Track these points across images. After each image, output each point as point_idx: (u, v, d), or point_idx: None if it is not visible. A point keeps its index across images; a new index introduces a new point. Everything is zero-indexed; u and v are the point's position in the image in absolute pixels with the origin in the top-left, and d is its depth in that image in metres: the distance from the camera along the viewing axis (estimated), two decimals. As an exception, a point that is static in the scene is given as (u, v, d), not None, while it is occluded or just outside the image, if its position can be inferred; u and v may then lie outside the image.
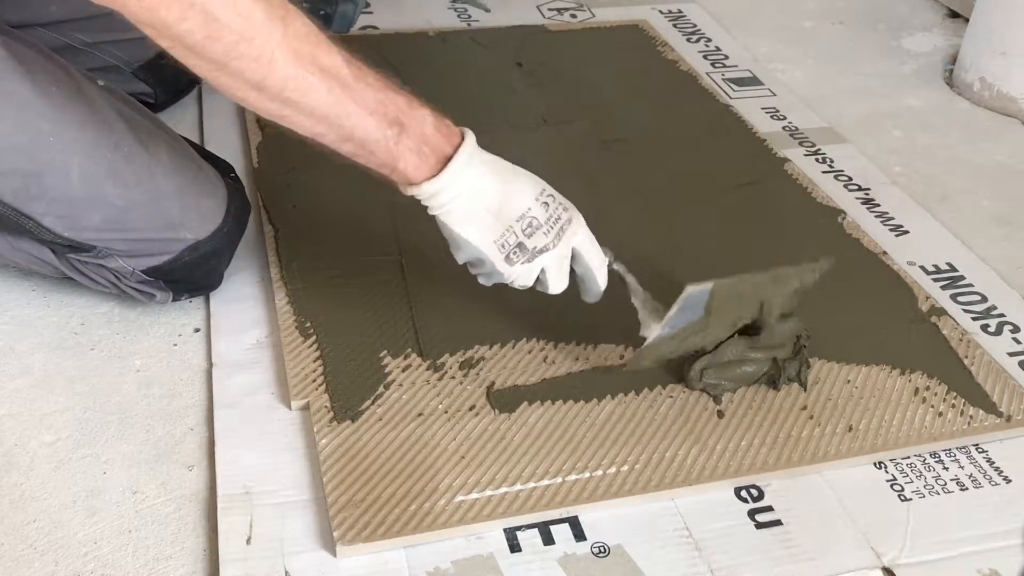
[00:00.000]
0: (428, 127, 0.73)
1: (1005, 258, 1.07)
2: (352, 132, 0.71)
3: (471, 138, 0.76)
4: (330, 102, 0.69)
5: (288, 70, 0.67)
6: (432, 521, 0.72)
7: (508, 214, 0.76)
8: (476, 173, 0.75)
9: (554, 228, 0.77)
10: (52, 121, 0.80)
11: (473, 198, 0.75)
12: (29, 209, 0.81)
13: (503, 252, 0.77)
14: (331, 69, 0.69)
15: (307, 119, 0.70)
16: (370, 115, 0.71)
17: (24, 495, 0.75)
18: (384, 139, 0.72)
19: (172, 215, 0.85)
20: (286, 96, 0.68)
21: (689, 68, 1.39)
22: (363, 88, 0.70)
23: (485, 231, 0.76)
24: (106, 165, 0.82)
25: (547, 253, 0.77)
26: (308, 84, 0.68)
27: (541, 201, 0.77)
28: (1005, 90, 1.36)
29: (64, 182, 0.81)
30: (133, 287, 0.89)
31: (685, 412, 0.83)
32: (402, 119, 0.72)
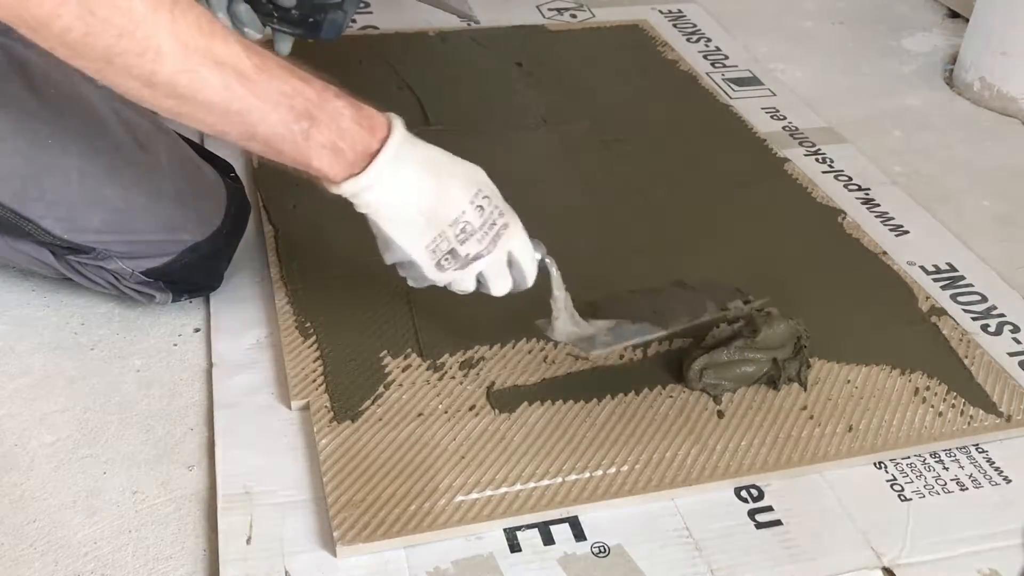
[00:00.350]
0: (345, 120, 0.67)
1: (1005, 258, 1.07)
2: (255, 128, 0.65)
3: (399, 130, 0.70)
4: (227, 97, 0.63)
5: (177, 64, 0.61)
6: (432, 521, 0.72)
7: (441, 218, 0.71)
8: (405, 171, 0.70)
9: (489, 234, 0.73)
10: (50, 124, 0.80)
11: (402, 199, 0.70)
12: (28, 211, 0.81)
13: (434, 258, 0.72)
14: (228, 61, 0.63)
15: (206, 116, 0.65)
16: (273, 109, 0.65)
17: (24, 495, 0.75)
18: (291, 135, 0.66)
19: (171, 217, 0.85)
20: (179, 92, 0.63)
21: (689, 68, 1.39)
22: (265, 80, 0.65)
23: (415, 235, 0.71)
24: (105, 167, 0.82)
25: (481, 260, 0.73)
26: (201, 78, 0.62)
27: (476, 204, 0.72)
28: (1005, 90, 1.36)
29: (63, 184, 0.81)
30: (132, 288, 0.89)
31: (685, 412, 0.83)
32: (313, 112, 0.66)
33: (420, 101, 1.25)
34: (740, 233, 1.06)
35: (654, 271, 0.99)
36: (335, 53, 1.36)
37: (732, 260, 1.02)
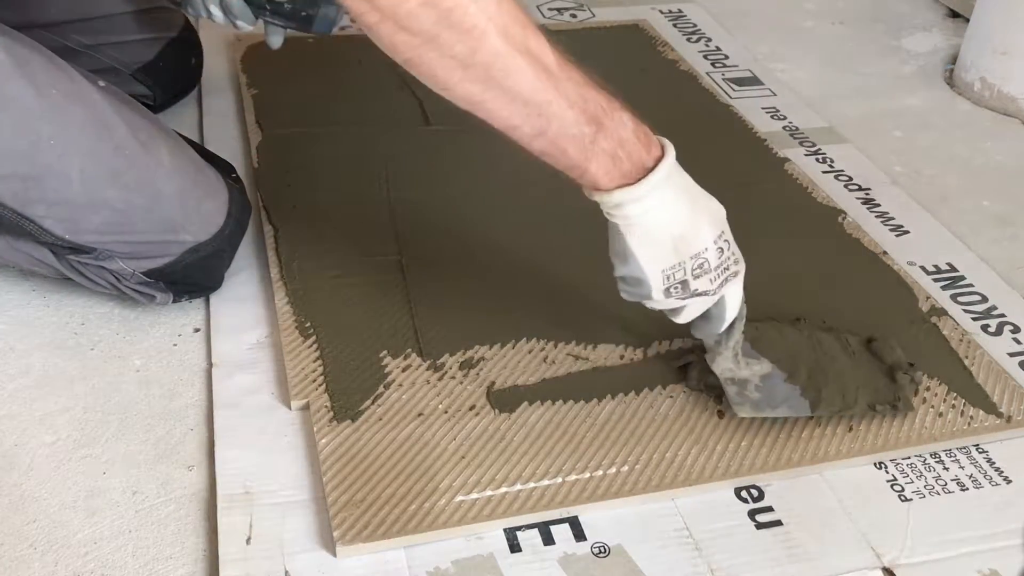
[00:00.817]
0: (627, 131, 0.69)
1: (1005, 258, 1.07)
2: (549, 125, 0.66)
3: (672, 152, 0.71)
4: (535, 87, 0.65)
5: (499, 46, 0.62)
6: (432, 521, 0.72)
7: (686, 248, 0.72)
8: (669, 195, 0.71)
9: (720, 277, 0.74)
10: (52, 124, 0.80)
11: (660, 220, 0.71)
12: (30, 212, 0.81)
13: (666, 284, 0.73)
14: (539, 53, 0.64)
15: (507, 105, 0.65)
16: (570, 108, 0.66)
17: (24, 495, 0.75)
18: (580, 136, 0.67)
19: (173, 217, 0.85)
20: (491, 75, 0.63)
21: (689, 68, 1.39)
22: (567, 79, 0.66)
23: (659, 258, 0.72)
24: (107, 168, 0.82)
25: (702, 297, 0.75)
26: (516, 65, 0.63)
27: (718, 245, 0.73)
28: (1005, 90, 1.36)
29: (65, 185, 0.81)
30: (133, 288, 0.89)
31: (685, 412, 0.83)
32: (601, 118, 0.68)
33: (420, 101, 1.25)
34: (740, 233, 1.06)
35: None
36: (335, 53, 1.37)
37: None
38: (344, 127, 1.20)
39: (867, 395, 0.82)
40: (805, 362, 0.84)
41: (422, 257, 0.98)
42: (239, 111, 1.23)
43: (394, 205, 1.06)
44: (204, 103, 1.25)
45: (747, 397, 0.80)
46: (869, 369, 0.85)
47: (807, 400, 0.81)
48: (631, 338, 0.90)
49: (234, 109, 1.24)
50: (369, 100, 1.26)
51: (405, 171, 1.12)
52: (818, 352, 0.85)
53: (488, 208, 1.08)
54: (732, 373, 0.81)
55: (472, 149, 1.18)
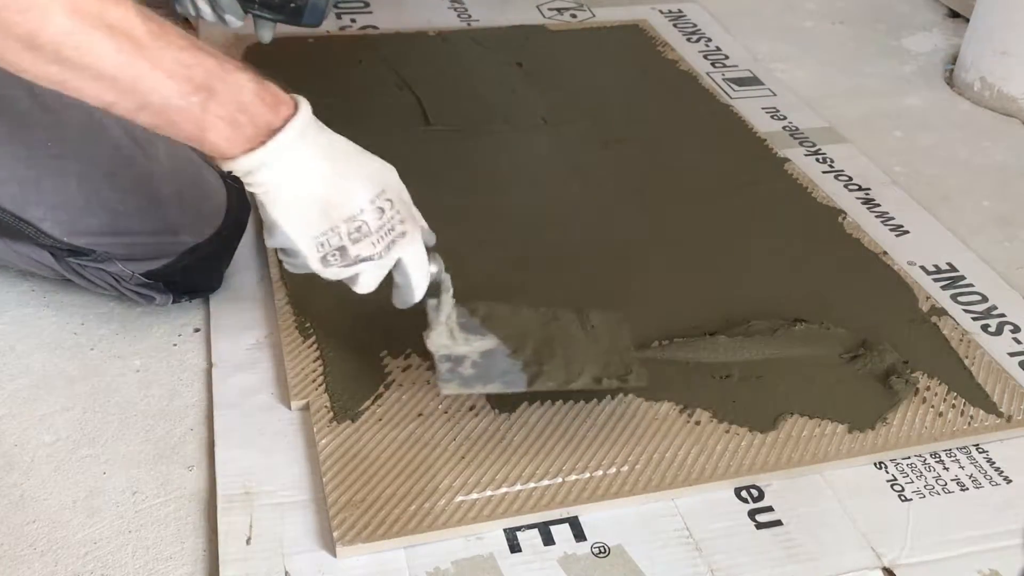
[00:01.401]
0: (246, 94, 0.64)
1: (1005, 258, 1.07)
2: (147, 98, 0.61)
3: (305, 110, 0.66)
4: (119, 63, 0.59)
5: (66, 24, 0.57)
6: (432, 521, 0.72)
7: (337, 212, 0.67)
8: (307, 154, 0.66)
9: (384, 239, 0.69)
10: (49, 128, 0.80)
11: (298, 184, 0.66)
12: (28, 215, 0.81)
13: (320, 252, 0.68)
14: (121, 25, 0.59)
15: (93, 84, 0.60)
16: (169, 78, 0.61)
17: (24, 495, 0.75)
18: (188, 106, 0.62)
19: (171, 219, 0.85)
20: (65, 56, 0.58)
21: (689, 68, 1.39)
22: (161, 48, 0.61)
23: (305, 225, 0.67)
24: (104, 170, 0.82)
25: (368, 262, 0.70)
26: (91, 41, 0.58)
27: (376, 205, 0.69)
28: (1005, 90, 1.36)
29: (62, 188, 0.81)
30: (132, 290, 0.89)
31: (685, 412, 0.83)
32: (212, 83, 0.62)
33: (420, 101, 1.25)
34: (740, 233, 1.06)
35: (654, 271, 0.99)
36: (335, 53, 1.37)
37: (732, 260, 1.02)
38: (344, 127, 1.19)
39: (594, 369, 0.80)
40: (533, 338, 0.81)
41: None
42: (239, 111, 1.23)
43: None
44: (204, 103, 1.25)
45: (458, 374, 0.77)
46: (605, 345, 0.83)
47: (526, 375, 0.78)
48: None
49: (234, 109, 1.24)
50: (369, 100, 1.26)
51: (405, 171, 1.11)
52: (551, 328, 0.83)
53: (488, 208, 1.08)
54: (448, 349, 0.78)
55: (472, 149, 1.18)
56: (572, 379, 0.79)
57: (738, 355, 0.88)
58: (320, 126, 0.68)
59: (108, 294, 0.91)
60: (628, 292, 0.95)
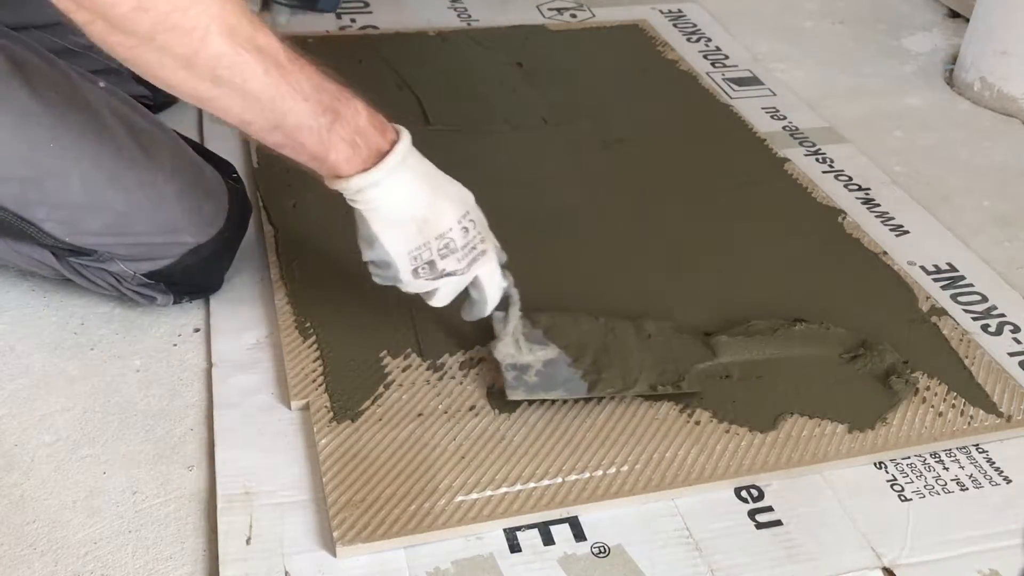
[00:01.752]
0: (362, 119, 0.70)
1: (1005, 258, 1.07)
2: (284, 118, 0.67)
3: (407, 137, 0.73)
4: (265, 83, 0.65)
5: (223, 46, 0.62)
6: (432, 521, 0.72)
7: (430, 229, 0.74)
8: (407, 176, 0.72)
9: (468, 256, 0.76)
10: (51, 127, 0.80)
11: (400, 202, 0.73)
12: (30, 215, 0.81)
13: (413, 265, 0.75)
14: (268, 49, 0.65)
15: (238, 102, 0.66)
16: (305, 100, 0.67)
17: (24, 495, 0.75)
18: (317, 127, 0.68)
19: (173, 219, 0.85)
20: (219, 74, 0.63)
21: (689, 68, 1.39)
22: (298, 72, 0.67)
23: (403, 240, 0.74)
24: (107, 170, 0.82)
25: (452, 277, 0.76)
26: (243, 62, 0.63)
27: (462, 225, 0.75)
28: (1005, 90, 1.36)
29: (64, 188, 0.81)
30: (134, 290, 0.89)
31: (685, 412, 0.83)
32: (337, 107, 0.69)
33: (420, 101, 1.25)
34: (740, 233, 1.06)
35: (653, 271, 0.99)
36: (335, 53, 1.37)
37: (732, 260, 1.02)
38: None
39: (649, 377, 0.83)
40: (593, 347, 0.85)
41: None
42: (239, 111, 1.23)
43: (394, 205, 1.06)
44: (204, 103, 1.25)
45: (523, 381, 0.82)
46: (661, 353, 0.86)
47: (586, 382, 0.82)
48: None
49: (234, 109, 1.24)
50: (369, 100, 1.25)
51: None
52: (608, 338, 0.87)
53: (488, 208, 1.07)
54: (513, 359, 0.83)
55: (472, 149, 1.18)
56: (629, 386, 0.82)
57: (738, 355, 0.88)
58: (417, 152, 0.74)
59: (109, 294, 0.91)
60: (628, 292, 0.95)
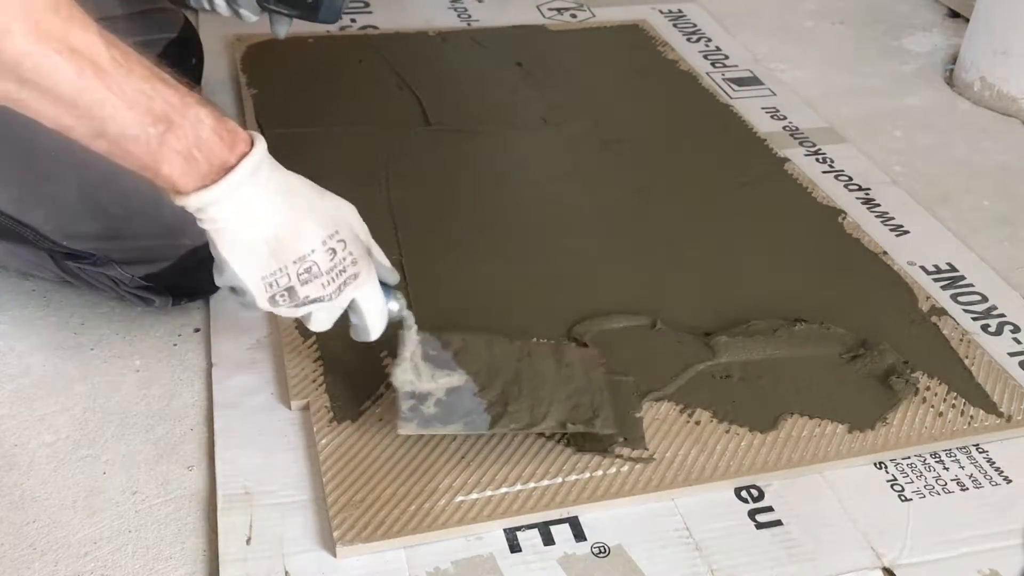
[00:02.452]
0: (205, 129, 0.63)
1: (1005, 258, 1.07)
2: (105, 126, 0.60)
3: (260, 148, 0.65)
4: (79, 87, 0.58)
5: (27, 45, 0.56)
6: (432, 521, 0.72)
7: (286, 252, 0.67)
8: (259, 193, 0.65)
9: (335, 281, 0.69)
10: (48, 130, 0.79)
11: (249, 222, 0.65)
12: (27, 218, 0.81)
13: (269, 292, 0.68)
14: (85, 50, 0.58)
15: (50, 106, 0.59)
16: (129, 108, 0.60)
17: (24, 495, 0.75)
18: (145, 137, 0.61)
19: (171, 222, 0.84)
20: (23, 75, 0.57)
21: (689, 68, 1.39)
22: (123, 76, 0.60)
23: (254, 265, 0.67)
24: (104, 174, 0.81)
25: (319, 304, 0.69)
26: (51, 63, 0.57)
27: (328, 247, 0.68)
28: (1005, 90, 1.36)
29: (62, 192, 0.80)
30: (132, 293, 0.89)
31: (685, 412, 0.83)
32: (171, 116, 0.61)
33: (420, 101, 1.25)
34: (740, 233, 1.06)
35: (653, 270, 0.99)
36: (335, 53, 1.37)
37: (732, 260, 1.02)
38: (344, 127, 1.19)
39: (560, 412, 0.77)
40: (504, 375, 0.79)
41: (422, 257, 0.98)
42: (239, 111, 1.23)
43: (394, 205, 1.06)
44: (204, 103, 1.25)
45: (420, 412, 0.75)
46: (578, 384, 0.81)
47: (490, 416, 0.76)
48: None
49: (234, 109, 1.24)
50: (369, 100, 1.26)
51: (405, 171, 1.12)
52: (523, 364, 0.81)
53: (488, 208, 1.08)
54: (412, 386, 0.76)
55: (472, 149, 1.18)
56: (536, 422, 0.76)
57: (738, 355, 0.88)
58: (275, 165, 0.67)
59: (108, 295, 0.91)
60: (628, 292, 0.95)
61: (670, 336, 0.90)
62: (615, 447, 0.78)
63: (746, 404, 0.84)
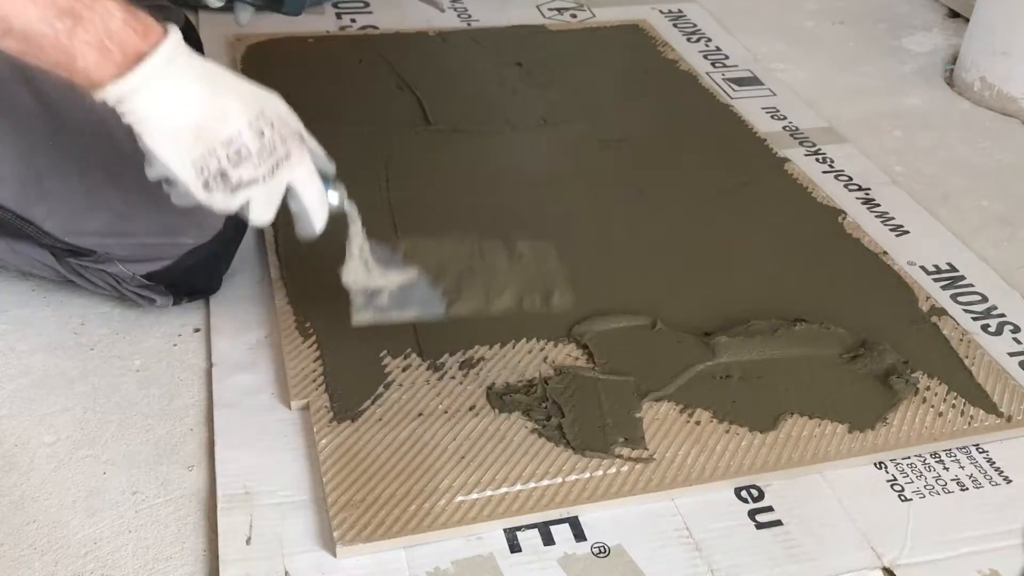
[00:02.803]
0: (115, 22, 0.63)
1: (1005, 258, 1.07)
2: (9, 23, 0.60)
3: (175, 36, 0.65)
4: None
5: None
6: (432, 521, 0.72)
7: (213, 135, 0.66)
8: (179, 79, 0.65)
9: (267, 161, 0.68)
10: (51, 126, 0.79)
11: (171, 109, 0.65)
12: (30, 214, 0.81)
13: (201, 177, 0.67)
14: None
15: None
16: (33, 4, 0.60)
17: (24, 495, 0.75)
18: (53, 32, 0.61)
19: (173, 220, 0.84)
20: None
21: (689, 68, 1.39)
22: None
23: (182, 151, 0.66)
24: (106, 170, 0.82)
25: (254, 186, 0.68)
26: None
27: (256, 128, 0.67)
28: (1005, 90, 1.36)
29: (64, 187, 0.80)
30: (133, 291, 0.89)
31: (685, 412, 0.83)
32: (77, 9, 0.61)
33: (420, 101, 1.25)
34: (740, 233, 1.06)
35: (653, 270, 0.99)
36: (335, 53, 1.37)
37: (732, 260, 1.02)
38: (344, 127, 1.19)
39: (515, 294, 0.78)
40: (456, 267, 0.79)
41: (422, 257, 0.98)
42: (239, 111, 1.23)
43: (394, 205, 1.06)
44: (204, 103, 1.25)
45: (373, 303, 0.76)
46: (532, 271, 0.81)
47: (445, 301, 0.77)
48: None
49: (234, 109, 1.24)
50: (369, 100, 1.26)
51: (405, 171, 1.12)
52: (475, 260, 0.81)
53: (488, 208, 1.08)
54: (363, 283, 0.76)
55: (472, 149, 1.18)
56: (491, 301, 0.76)
57: (738, 355, 0.88)
58: (191, 52, 0.67)
59: (109, 294, 0.91)
60: (628, 292, 0.95)
61: (670, 336, 0.90)
62: (615, 447, 0.78)
63: (746, 404, 0.84)
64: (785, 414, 0.83)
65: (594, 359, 0.87)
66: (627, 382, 0.84)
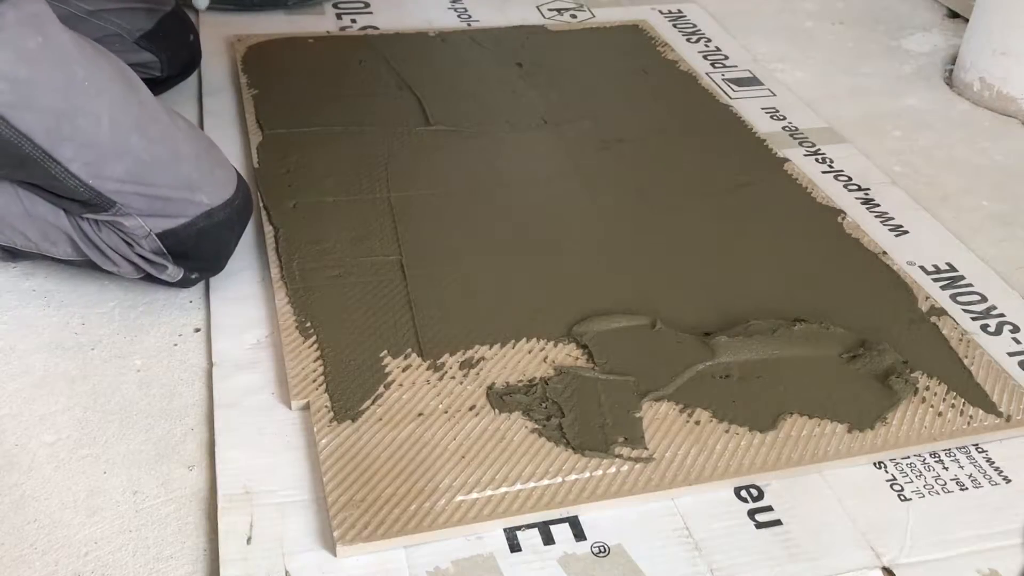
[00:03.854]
0: None
1: (1005, 258, 1.07)
2: None
3: None
4: None
5: None
6: (432, 521, 0.72)
7: None
8: None
9: None
10: (86, 68, 0.83)
11: None
12: (58, 153, 0.82)
13: None
14: None
15: None
16: None
17: (24, 495, 0.75)
18: None
19: (190, 176, 0.88)
20: None
21: (689, 68, 1.39)
22: None
23: None
24: (133, 117, 0.85)
25: None
26: None
27: None
28: (1005, 90, 1.36)
29: (94, 127, 0.83)
30: (145, 257, 0.89)
31: (685, 412, 0.83)
32: None
33: (420, 101, 1.25)
34: (740, 233, 1.06)
35: (653, 270, 0.99)
36: (335, 53, 1.37)
37: (732, 260, 1.02)
38: (344, 127, 1.20)
39: None
40: None
41: (422, 257, 0.98)
42: (239, 111, 1.23)
43: (394, 205, 1.06)
44: (204, 103, 1.25)
45: None
46: None
47: None
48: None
49: (234, 109, 1.24)
50: (369, 100, 1.26)
51: (405, 171, 1.12)
52: None
53: (488, 208, 1.08)
54: None
55: (472, 149, 1.18)
56: None
57: (738, 355, 0.88)
58: None
59: (116, 271, 0.91)
60: (628, 292, 0.95)
61: (670, 336, 0.90)
62: (615, 447, 0.78)
63: (746, 404, 0.84)
64: (785, 414, 0.83)
65: (594, 359, 0.87)
66: (627, 382, 0.84)
